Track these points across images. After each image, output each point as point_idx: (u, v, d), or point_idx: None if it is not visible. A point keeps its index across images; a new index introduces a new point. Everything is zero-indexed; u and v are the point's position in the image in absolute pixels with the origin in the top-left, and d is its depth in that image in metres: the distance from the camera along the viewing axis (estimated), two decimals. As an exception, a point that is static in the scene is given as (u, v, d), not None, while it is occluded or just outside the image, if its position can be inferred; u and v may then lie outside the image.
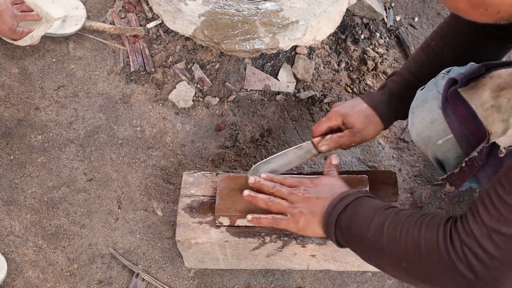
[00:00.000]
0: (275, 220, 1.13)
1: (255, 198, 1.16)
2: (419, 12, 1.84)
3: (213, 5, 1.58)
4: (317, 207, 1.07)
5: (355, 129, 1.23)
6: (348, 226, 1.02)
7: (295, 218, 1.10)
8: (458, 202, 1.47)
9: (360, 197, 1.04)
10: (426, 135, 1.13)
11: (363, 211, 1.01)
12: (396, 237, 0.93)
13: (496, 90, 1.01)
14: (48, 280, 1.35)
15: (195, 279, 1.35)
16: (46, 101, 1.61)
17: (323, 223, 1.06)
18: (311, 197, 1.09)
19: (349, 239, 1.03)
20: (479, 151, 1.00)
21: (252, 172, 1.25)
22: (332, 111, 1.26)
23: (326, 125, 1.26)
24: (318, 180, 1.14)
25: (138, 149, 1.54)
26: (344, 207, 1.03)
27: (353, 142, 1.25)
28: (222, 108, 1.61)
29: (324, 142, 1.25)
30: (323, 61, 1.69)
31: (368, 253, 1.00)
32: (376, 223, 0.96)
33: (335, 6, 1.58)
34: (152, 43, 1.70)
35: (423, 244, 0.89)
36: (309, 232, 1.10)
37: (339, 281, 1.35)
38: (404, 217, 0.94)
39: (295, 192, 1.12)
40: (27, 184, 1.48)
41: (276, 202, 1.13)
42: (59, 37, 1.70)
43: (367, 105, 1.24)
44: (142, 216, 1.44)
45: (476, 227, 0.84)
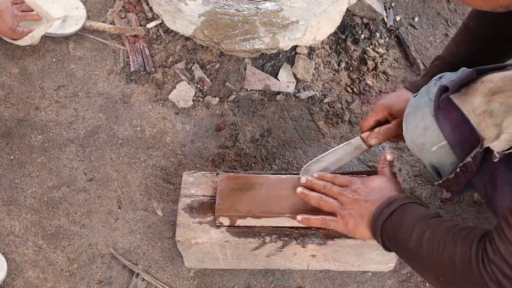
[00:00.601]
0: (325, 221, 1.15)
1: (307, 196, 1.18)
2: (419, 12, 1.84)
3: (213, 5, 1.58)
4: (365, 210, 1.08)
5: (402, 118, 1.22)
6: (393, 232, 1.02)
7: (345, 220, 1.11)
8: (458, 202, 1.47)
9: (407, 203, 1.05)
10: (420, 142, 1.13)
11: (407, 218, 1.01)
12: (433, 249, 0.93)
13: (487, 94, 1.01)
14: (48, 280, 1.35)
15: (195, 279, 1.35)
16: (46, 101, 1.61)
17: (370, 227, 1.07)
18: (361, 200, 1.10)
19: (394, 245, 1.03)
20: (473, 157, 1.00)
21: (304, 171, 1.26)
22: (377, 104, 1.26)
23: (373, 118, 1.26)
24: (369, 181, 1.15)
25: (138, 149, 1.54)
26: (390, 213, 1.04)
27: (401, 132, 1.24)
28: (222, 108, 1.61)
29: (373, 135, 1.25)
30: (323, 61, 1.69)
31: (411, 262, 1.01)
32: (417, 233, 0.97)
33: (335, 6, 1.58)
34: (152, 43, 1.70)
35: (457, 260, 0.89)
36: (358, 234, 1.11)
37: (339, 281, 1.35)
38: (444, 230, 0.94)
39: (345, 193, 1.13)
40: (27, 184, 1.48)
41: (327, 201, 1.15)
42: (59, 37, 1.70)
43: (411, 93, 1.24)
44: (142, 216, 1.44)
45: (502, 245, 0.83)
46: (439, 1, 1.86)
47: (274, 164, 1.52)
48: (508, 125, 0.96)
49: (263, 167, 1.51)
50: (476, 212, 1.45)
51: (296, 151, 1.55)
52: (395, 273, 1.36)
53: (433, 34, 1.79)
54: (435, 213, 1.02)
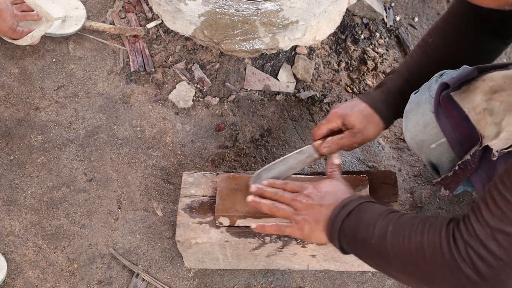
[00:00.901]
0: (280, 227, 1.13)
1: (259, 203, 1.16)
2: (419, 12, 1.84)
3: (213, 5, 1.58)
4: (320, 215, 1.07)
5: (356, 129, 1.22)
6: (352, 233, 1.01)
7: (300, 225, 1.09)
8: (458, 202, 1.47)
9: (362, 203, 1.04)
10: (420, 139, 1.13)
11: (366, 217, 1.00)
12: (399, 241, 0.92)
13: (488, 93, 1.01)
14: (48, 280, 1.35)
15: (195, 279, 1.35)
16: (46, 101, 1.61)
17: (327, 230, 1.06)
18: (314, 204, 1.09)
19: (354, 245, 1.02)
20: (472, 155, 1.00)
21: (254, 179, 1.24)
22: (331, 113, 1.25)
23: (326, 127, 1.25)
24: (321, 184, 1.13)
25: (138, 149, 1.54)
26: (347, 214, 1.03)
27: (354, 142, 1.24)
28: (222, 108, 1.61)
29: (325, 144, 1.24)
30: (323, 61, 1.69)
31: (374, 259, 1.00)
32: (379, 229, 0.96)
33: (335, 6, 1.58)
34: (152, 43, 1.70)
35: (426, 247, 0.89)
36: (314, 239, 1.10)
37: (339, 281, 1.35)
38: (407, 221, 0.94)
39: (298, 198, 1.11)
40: (27, 184, 1.48)
41: (280, 208, 1.13)
42: (59, 37, 1.70)
43: (366, 104, 1.23)
44: (142, 216, 1.44)
45: (480, 228, 0.83)
46: (439, 1, 1.86)
47: (274, 164, 1.52)
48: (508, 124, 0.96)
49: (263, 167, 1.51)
50: (476, 212, 1.45)
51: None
52: (395, 273, 1.36)
53: (433, 34, 1.79)
54: (392, 209, 1.01)
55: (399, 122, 1.58)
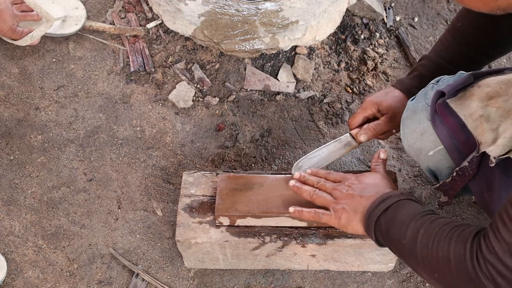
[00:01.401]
0: (317, 214, 1.14)
1: (300, 189, 1.18)
2: (419, 12, 1.84)
3: (213, 5, 1.58)
4: (359, 206, 1.08)
5: (391, 114, 1.23)
6: (387, 229, 1.02)
7: (338, 214, 1.11)
8: (458, 202, 1.47)
9: (401, 200, 1.04)
10: (417, 147, 1.14)
11: (401, 215, 1.01)
12: (428, 247, 0.93)
13: (484, 99, 1.01)
14: (48, 280, 1.35)
15: (195, 279, 1.35)
16: (46, 101, 1.61)
17: (363, 222, 1.07)
18: (355, 195, 1.10)
19: (388, 241, 1.03)
20: (470, 161, 1.00)
21: (295, 167, 1.26)
22: (366, 101, 1.26)
23: (362, 115, 1.26)
24: (363, 177, 1.14)
25: (138, 149, 1.54)
26: (385, 209, 1.03)
27: (390, 128, 1.25)
28: (222, 108, 1.61)
29: (362, 131, 1.25)
30: (323, 61, 1.69)
31: (406, 258, 1.01)
32: (412, 230, 0.96)
33: (335, 6, 1.58)
34: (152, 43, 1.70)
35: (452, 258, 0.89)
36: (350, 229, 1.11)
37: (339, 281, 1.35)
38: (438, 227, 0.94)
39: (339, 188, 1.13)
40: (27, 184, 1.48)
41: (320, 195, 1.14)
42: (59, 37, 1.70)
43: (399, 91, 1.25)
44: (142, 216, 1.44)
45: (498, 245, 0.83)
46: (439, 1, 1.86)
47: (274, 164, 1.52)
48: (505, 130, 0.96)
49: (263, 167, 1.51)
50: (476, 213, 1.45)
51: (296, 151, 1.55)
52: (395, 273, 1.36)
53: (433, 34, 1.79)
54: (429, 209, 1.01)
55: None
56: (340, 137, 1.29)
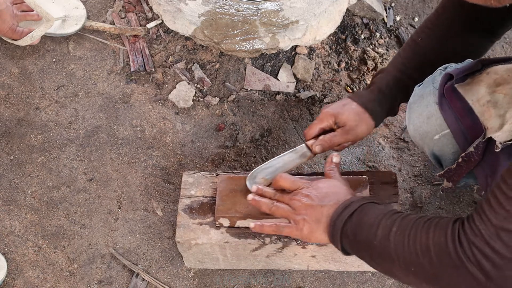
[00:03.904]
0: (278, 227, 1.12)
1: (258, 202, 1.16)
2: (419, 12, 1.84)
3: (213, 5, 1.58)
4: (321, 216, 1.06)
5: (348, 126, 1.22)
6: (354, 234, 1.01)
7: (299, 225, 1.09)
8: (458, 202, 1.47)
9: (365, 204, 1.03)
10: (423, 131, 1.13)
11: (369, 217, 0.99)
12: (404, 242, 0.92)
13: (492, 85, 1.02)
14: (48, 280, 1.35)
15: (195, 279, 1.35)
16: (46, 101, 1.61)
17: (328, 231, 1.05)
18: (314, 205, 1.07)
19: (356, 247, 1.02)
20: (476, 146, 1.00)
21: (250, 178, 1.24)
22: (323, 112, 1.25)
23: (318, 126, 1.25)
24: (320, 184, 1.12)
25: (138, 149, 1.54)
26: (350, 214, 1.02)
27: (346, 140, 1.24)
28: (222, 108, 1.61)
29: (317, 142, 1.23)
30: (323, 61, 1.69)
31: (377, 260, 0.99)
32: (382, 230, 0.95)
33: (335, 6, 1.58)
34: (152, 43, 1.70)
35: (432, 247, 0.88)
36: (313, 239, 1.09)
37: (339, 281, 1.35)
38: (411, 222, 0.93)
39: (297, 198, 1.10)
40: (27, 184, 1.48)
41: (279, 207, 1.12)
42: (59, 37, 1.70)
43: (356, 103, 1.23)
44: (142, 216, 1.44)
45: (484, 227, 0.83)
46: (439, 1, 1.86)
47: (274, 164, 1.52)
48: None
49: (263, 167, 1.51)
50: (476, 212, 1.45)
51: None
52: (394, 273, 1.36)
53: (433, 34, 1.79)
54: (395, 209, 1.01)
55: (399, 122, 1.58)
56: (296, 148, 1.27)
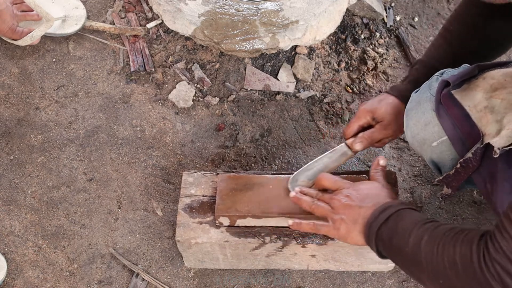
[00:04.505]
0: (316, 226, 1.13)
1: (300, 200, 1.16)
2: (419, 12, 1.84)
3: (213, 5, 1.58)
4: (358, 216, 1.06)
5: (386, 121, 1.22)
6: (389, 238, 1.01)
7: (336, 225, 1.09)
8: (458, 202, 1.47)
9: (402, 209, 1.03)
10: (421, 138, 1.13)
11: (403, 224, 1.00)
12: (433, 252, 0.92)
13: (489, 91, 1.01)
14: (48, 280, 1.35)
15: (195, 279, 1.35)
16: (46, 101, 1.61)
17: (364, 233, 1.05)
18: (353, 205, 1.08)
19: (390, 251, 1.02)
20: (474, 152, 1.00)
21: (292, 181, 1.25)
22: (360, 110, 1.26)
23: (357, 124, 1.25)
24: (361, 185, 1.13)
25: (138, 149, 1.54)
26: (386, 219, 1.02)
27: (386, 136, 1.24)
28: (222, 108, 1.61)
29: (357, 140, 1.24)
30: (323, 61, 1.69)
31: (408, 267, 0.99)
32: (414, 238, 0.96)
33: (335, 6, 1.58)
34: (152, 43, 1.70)
35: (458, 261, 0.88)
36: (350, 240, 1.09)
37: (339, 281, 1.35)
38: (442, 233, 0.93)
39: (337, 198, 1.11)
40: (27, 184, 1.48)
41: (319, 205, 1.13)
42: (59, 37, 1.70)
43: (393, 97, 1.24)
44: (142, 216, 1.44)
45: (505, 243, 0.82)
46: (439, 1, 1.86)
47: (274, 164, 1.52)
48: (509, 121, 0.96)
49: (263, 167, 1.51)
50: (476, 212, 1.45)
51: (296, 151, 1.55)
52: (395, 273, 1.36)
53: (433, 34, 1.79)
54: (431, 218, 1.01)
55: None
56: (336, 148, 1.28)
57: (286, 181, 1.26)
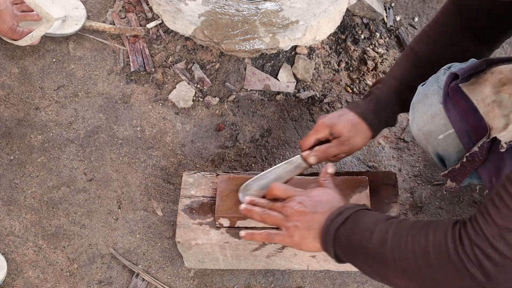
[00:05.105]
0: (269, 235, 1.12)
1: (250, 211, 1.15)
2: (419, 12, 1.84)
3: (213, 5, 1.58)
4: (313, 222, 1.05)
5: (343, 137, 1.21)
6: (347, 239, 0.99)
7: (290, 232, 1.08)
8: (458, 202, 1.47)
9: (359, 210, 1.02)
10: (427, 130, 1.13)
11: (363, 222, 0.99)
12: (401, 245, 0.91)
13: (497, 85, 1.01)
14: (48, 280, 1.35)
15: (195, 279, 1.35)
16: (46, 101, 1.61)
17: (320, 238, 1.04)
18: (307, 211, 1.07)
19: (350, 252, 1.01)
20: (480, 146, 0.99)
21: (244, 189, 1.24)
22: (318, 123, 1.24)
23: (314, 137, 1.24)
24: (313, 192, 1.12)
25: (138, 149, 1.54)
26: (343, 220, 1.01)
27: (342, 151, 1.23)
28: (222, 108, 1.61)
29: (312, 153, 1.23)
30: (323, 61, 1.69)
31: (371, 265, 0.98)
32: (378, 233, 0.94)
33: (335, 6, 1.58)
34: (152, 43, 1.70)
35: (431, 249, 0.87)
36: (304, 247, 1.07)
37: (339, 281, 1.35)
38: (409, 225, 0.92)
39: (289, 205, 1.10)
40: (27, 184, 1.48)
41: (271, 214, 1.12)
42: (59, 37, 1.70)
43: (353, 113, 1.22)
44: (142, 216, 1.44)
45: (487, 227, 0.82)
46: (439, 1, 1.86)
47: (274, 164, 1.52)
48: None
49: (263, 167, 1.51)
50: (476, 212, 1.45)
51: (296, 151, 1.55)
52: (394, 273, 1.36)
53: (433, 34, 1.79)
54: (390, 215, 1.00)
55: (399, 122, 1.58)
56: (291, 159, 1.26)
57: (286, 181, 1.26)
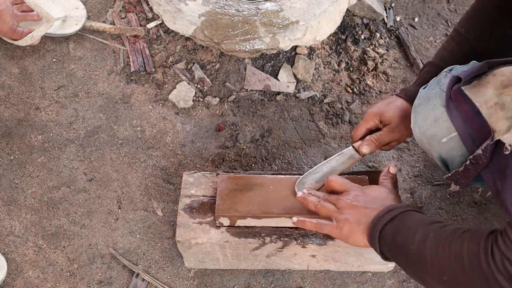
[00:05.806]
0: (319, 224, 1.13)
1: (306, 199, 1.17)
2: (419, 12, 1.84)
3: (213, 5, 1.58)
4: (363, 217, 1.07)
5: (393, 124, 1.22)
6: (392, 237, 1.01)
7: (340, 224, 1.09)
8: (458, 202, 1.47)
9: (408, 211, 1.04)
10: (430, 134, 1.13)
11: (408, 223, 1.00)
12: (439, 249, 0.93)
13: (499, 87, 1.01)
14: (48, 280, 1.35)
15: (195, 279, 1.35)
16: (46, 101, 1.61)
17: (367, 233, 1.06)
18: (359, 206, 1.09)
19: (393, 251, 1.02)
20: (484, 149, 0.99)
21: (299, 184, 1.25)
22: (367, 113, 1.26)
23: (364, 127, 1.26)
24: (369, 189, 1.14)
25: (138, 149, 1.54)
26: (391, 218, 1.03)
27: (393, 139, 1.24)
28: (222, 108, 1.61)
29: (364, 143, 1.24)
30: (323, 61, 1.69)
31: (412, 266, 1.00)
32: (420, 235, 0.96)
33: (335, 6, 1.58)
34: (152, 43, 1.70)
35: (465, 256, 0.89)
36: (351, 240, 1.09)
37: (339, 281, 1.35)
38: (449, 231, 0.94)
39: (343, 198, 1.12)
40: (27, 184, 1.48)
41: (324, 205, 1.14)
42: (59, 37, 1.70)
43: (402, 99, 1.24)
44: (142, 216, 1.44)
45: None
46: (439, 1, 1.86)
47: (274, 164, 1.52)
48: None
49: (263, 167, 1.51)
50: (476, 213, 1.45)
51: (296, 151, 1.55)
52: (395, 273, 1.36)
53: (433, 35, 1.79)
54: (436, 219, 1.01)
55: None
56: (343, 151, 1.28)
57: (287, 181, 1.26)
